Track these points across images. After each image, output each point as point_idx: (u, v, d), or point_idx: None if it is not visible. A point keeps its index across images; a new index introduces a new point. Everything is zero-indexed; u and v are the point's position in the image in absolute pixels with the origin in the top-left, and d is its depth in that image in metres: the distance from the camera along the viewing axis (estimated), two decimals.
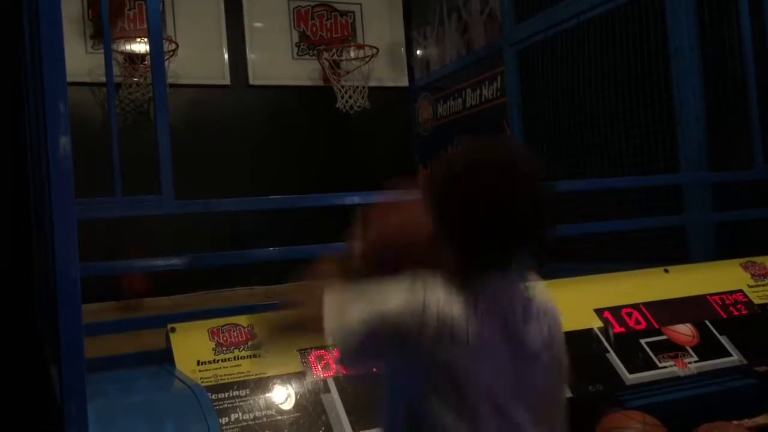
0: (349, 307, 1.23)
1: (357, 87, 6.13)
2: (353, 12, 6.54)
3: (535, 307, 1.29)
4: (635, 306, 2.67)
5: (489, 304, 1.22)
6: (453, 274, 1.24)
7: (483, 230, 1.22)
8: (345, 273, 1.34)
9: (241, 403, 2.04)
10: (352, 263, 1.34)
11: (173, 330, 2.20)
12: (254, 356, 2.18)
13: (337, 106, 6.07)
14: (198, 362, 2.13)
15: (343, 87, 6.13)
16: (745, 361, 2.59)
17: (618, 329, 2.58)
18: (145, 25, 5.13)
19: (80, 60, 5.30)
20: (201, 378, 2.07)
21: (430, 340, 1.18)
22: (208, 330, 2.21)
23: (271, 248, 2.87)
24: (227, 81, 6.08)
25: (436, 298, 1.19)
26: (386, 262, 1.29)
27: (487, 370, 1.21)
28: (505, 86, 5.27)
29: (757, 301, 2.86)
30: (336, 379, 2.15)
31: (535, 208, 1.23)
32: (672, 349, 2.56)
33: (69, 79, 1.62)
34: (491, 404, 1.21)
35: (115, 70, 4.17)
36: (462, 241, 1.24)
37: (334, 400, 2.10)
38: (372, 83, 6.20)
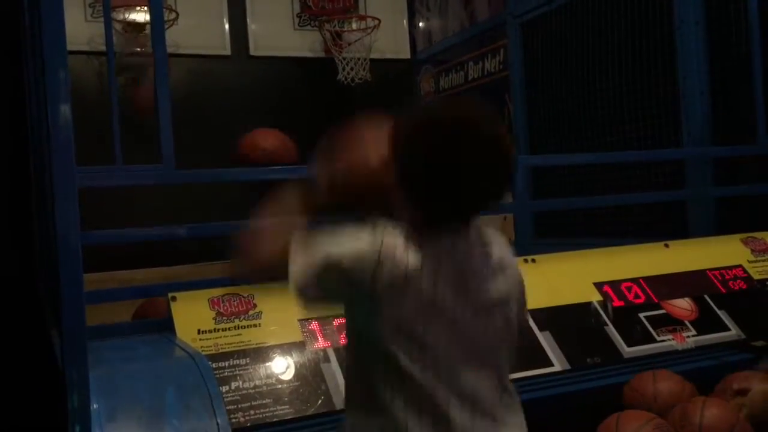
0: (312, 248, 1.24)
1: (359, 59, 6.08)
2: None
3: (491, 264, 1.29)
4: (635, 280, 2.68)
5: (445, 260, 1.23)
6: (412, 225, 1.25)
7: (441, 186, 1.23)
8: (308, 202, 1.35)
9: (241, 372, 2.05)
10: (316, 193, 1.35)
11: (174, 299, 2.21)
12: (254, 326, 2.19)
13: (338, 78, 6.03)
14: (198, 331, 2.14)
15: (344, 59, 6.09)
16: (743, 336, 2.61)
17: (617, 303, 2.59)
18: None
19: (80, 28, 5.26)
20: (201, 347, 2.08)
21: (384, 287, 1.19)
22: (208, 299, 2.22)
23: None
24: (228, 51, 6.03)
25: (394, 245, 1.21)
26: (349, 195, 1.30)
27: (443, 329, 1.22)
28: (508, 59, 5.24)
29: (756, 277, 2.87)
30: (336, 349, 2.17)
31: (493, 167, 1.24)
32: (671, 323, 2.58)
33: (68, 47, 1.61)
34: (447, 362, 1.23)
35: (115, 39, 4.13)
36: (420, 195, 1.25)
37: (334, 369, 2.11)
38: (374, 55, 6.15)
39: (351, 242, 1.23)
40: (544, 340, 2.37)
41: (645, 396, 2.22)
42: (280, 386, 2.04)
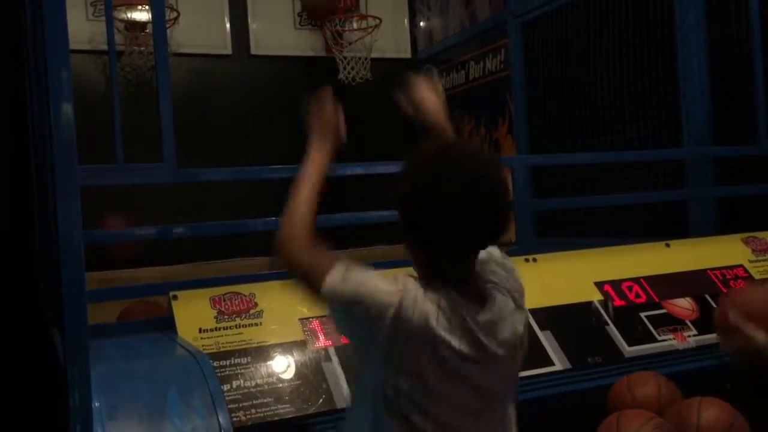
0: (351, 271, 1.26)
1: (359, 58, 6.08)
2: None
3: (497, 308, 1.30)
4: (636, 279, 2.68)
5: (457, 309, 1.24)
6: (425, 271, 1.29)
7: (450, 233, 1.25)
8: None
9: (242, 371, 2.05)
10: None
11: (175, 297, 2.22)
12: (256, 325, 2.19)
13: (339, 77, 6.03)
14: (200, 330, 2.14)
15: (345, 58, 6.09)
16: None
17: (618, 302, 2.59)
18: None
19: (81, 27, 5.26)
20: (203, 345, 2.08)
21: (399, 336, 1.20)
22: (209, 298, 2.22)
23: (271, 218, 2.87)
24: (229, 51, 6.03)
25: (413, 296, 1.22)
26: None
27: (457, 381, 1.23)
28: (508, 59, 5.24)
29: (757, 276, 2.87)
30: (337, 348, 2.17)
31: (497, 205, 1.26)
32: (671, 322, 2.58)
33: (70, 46, 1.61)
34: (461, 417, 1.24)
35: (117, 38, 4.13)
36: (426, 233, 1.27)
37: (335, 368, 2.11)
38: (375, 54, 6.15)
39: (380, 283, 1.24)
40: (545, 339, 2.38)
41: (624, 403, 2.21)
42: (281, 385, 2.05)
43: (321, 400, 2.03)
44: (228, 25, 6.03)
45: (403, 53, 6.63)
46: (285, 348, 2.14)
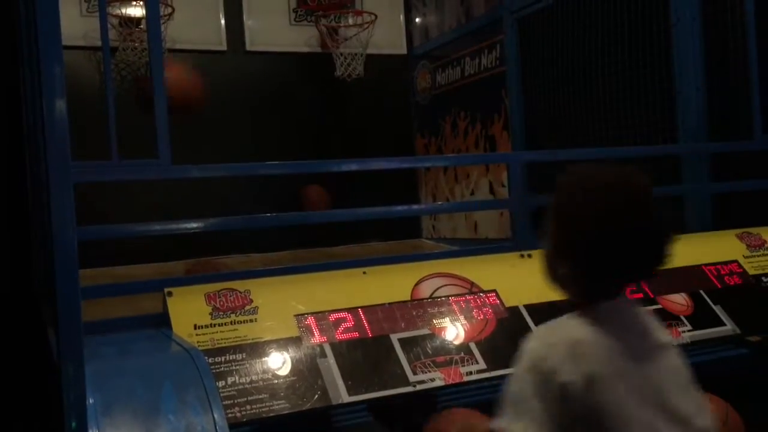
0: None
1: (355, 54, 6.07)
2: None
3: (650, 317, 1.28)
4: None
5: (623, 333, 1.21)
6: (580, 302, 1.25)
7: (608, 255, 1.21)
8: None
9: (237, 367, 2.05)
10: None
11: (170, 294, 2.21)
12: (251, 321, 2.19)
13: (336, 74, 6.02)
14: (195, 326, 2.14)
15: (341, 54, 6.08)
16: (738, 331, 2.61)
17: None
18: None
19: (75, 23, 5.24)
20: (198, 342, 2.08)
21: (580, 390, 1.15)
22: (204, 294, 2.22)
23: (267, 215, 2.87)
24: (224, 47, 6.02)
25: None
26: None
27: (635, 403, 1.17)
28: (504, 55, 5.24)
29: (752, 272, 2.88)
30: (332, 344, 2.17)
31: (651, 227, 1.25)
32: (666, 318, 2.58)
33: (64, 42, 1.60)
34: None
35: (111, 34, 4.12)
36: (588, 267, 1.23)
37: (330, 365, 2.11)
38: (370, 50, 6.14)
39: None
40: None
41: None
42: (276, 381, 2.04)
43: (316, 397, 2.03)
44: (223, 21, 6.02)
45: (398, 49, 6.62)
46: (280, 344, 2.14)
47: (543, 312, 2.43)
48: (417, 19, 6.57)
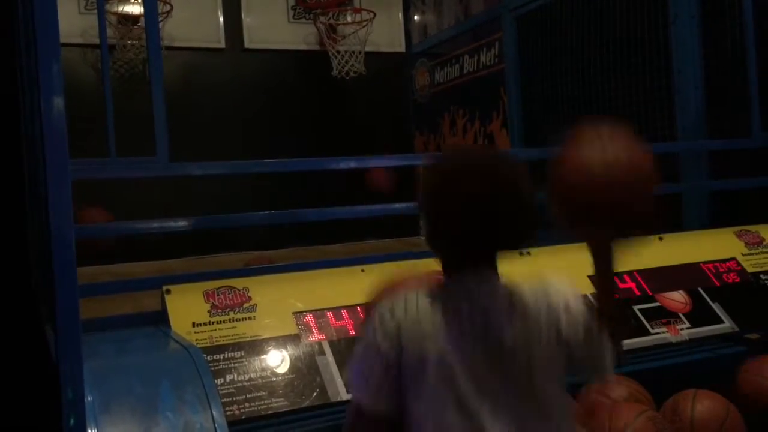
0: None
1: (353, 52, 6.07)
2: None
3: (520, 302, 1.30)
4: (629, 273, 2.69)
5: (470, 308, 1.27)
6: (444, 272, 1.32)
7: (465, 234, 1.28)
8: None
9: (236, 365, 2.05)
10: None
11: (168, 292, 2.21)
12: (249, 318, 2.19)
13: (333, 73, 6.02)
14: (193, 324, 2.14)
15: (339, 52, 6.08)
16: (736, 328, 2.62)
17: None
18: None
19: (73, 21, 5.23)
20: (196, 339, 2.08)
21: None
22: (203, 292, 2.22)
23: (264, 212, 2.86)
24: (222, 44, 6.02)
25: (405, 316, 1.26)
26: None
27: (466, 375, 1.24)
28: (503, 52, 5.23)
29: (750, 270, 2.88)
30: (330, 342, 2.17)
31: (515, 210, 1.29)
32: (665, 315, 2.58)
33: (62, 40, 1.60)
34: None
35: (109, 32, 4.11)
36: (448, 243, 1.31)
37: (329, 362, 2.11)
38: (368, 48, 6.14)
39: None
40: None
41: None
42: (275, 379, 2.04)
43: (315, 394, 2.03)
44: (221, 19, 6.01)
45: (397, 47, 6.62)
46: (279, 342, 2.14)
47: None
48: (416, 17, 6.56)
